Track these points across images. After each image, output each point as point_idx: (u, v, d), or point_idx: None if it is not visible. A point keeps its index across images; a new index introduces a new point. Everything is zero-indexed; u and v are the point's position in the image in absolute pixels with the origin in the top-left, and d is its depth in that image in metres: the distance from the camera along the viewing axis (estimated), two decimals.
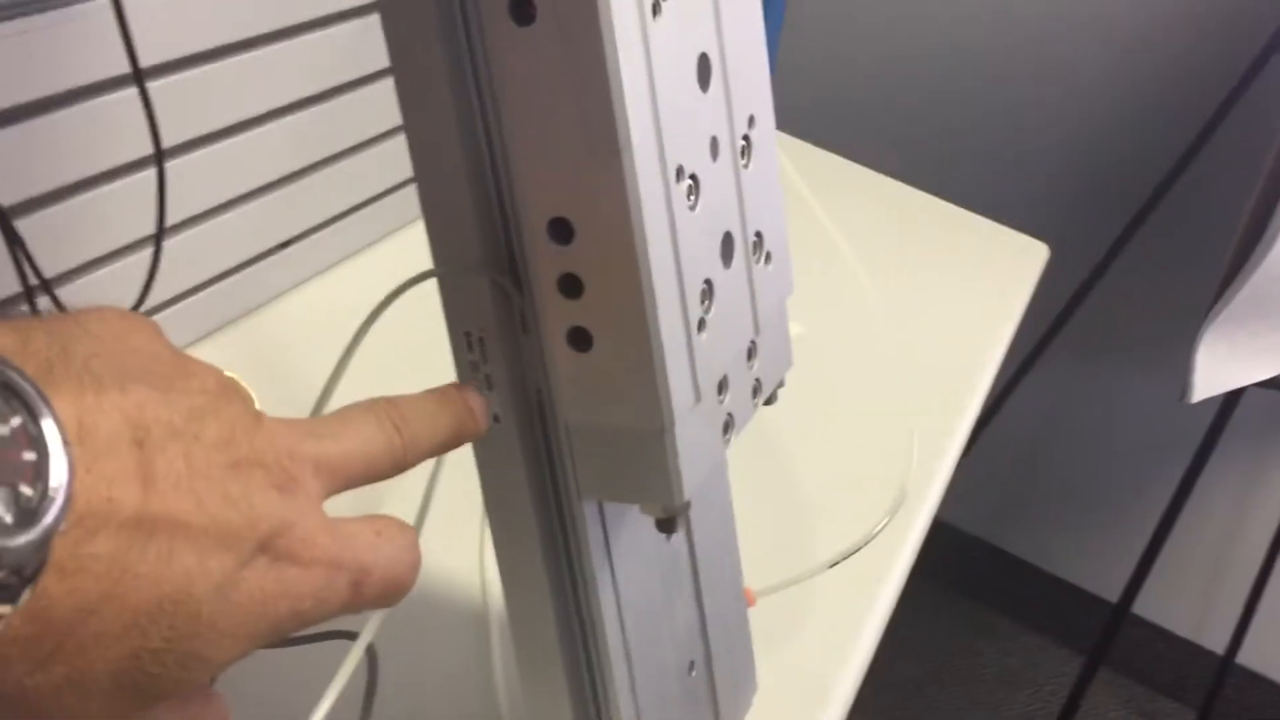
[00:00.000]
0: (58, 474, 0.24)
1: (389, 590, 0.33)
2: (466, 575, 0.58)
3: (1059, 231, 1.14)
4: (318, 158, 0.79)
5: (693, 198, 0.38)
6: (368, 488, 0.60)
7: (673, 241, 0.37)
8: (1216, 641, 1.73)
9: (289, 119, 0.75)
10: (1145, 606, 1.72)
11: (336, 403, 0.39)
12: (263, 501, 0.29)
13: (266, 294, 0.79)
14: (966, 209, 1.09)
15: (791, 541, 0.64)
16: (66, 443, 0.24)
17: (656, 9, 0.36)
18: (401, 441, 0.35)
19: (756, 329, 0.44)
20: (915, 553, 0.67)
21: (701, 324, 0.39)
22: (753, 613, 0.57)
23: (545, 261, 0.37)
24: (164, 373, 0.29)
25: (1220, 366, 1.22)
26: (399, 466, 0.35)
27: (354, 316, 0.40)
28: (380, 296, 0.39)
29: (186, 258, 0.72)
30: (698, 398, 0.39)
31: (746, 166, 0.42)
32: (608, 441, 0.39)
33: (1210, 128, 1.35)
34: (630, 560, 0.43)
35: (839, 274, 0.89)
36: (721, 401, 0.42)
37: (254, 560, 0.28)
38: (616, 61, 0.34)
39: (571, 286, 0.37)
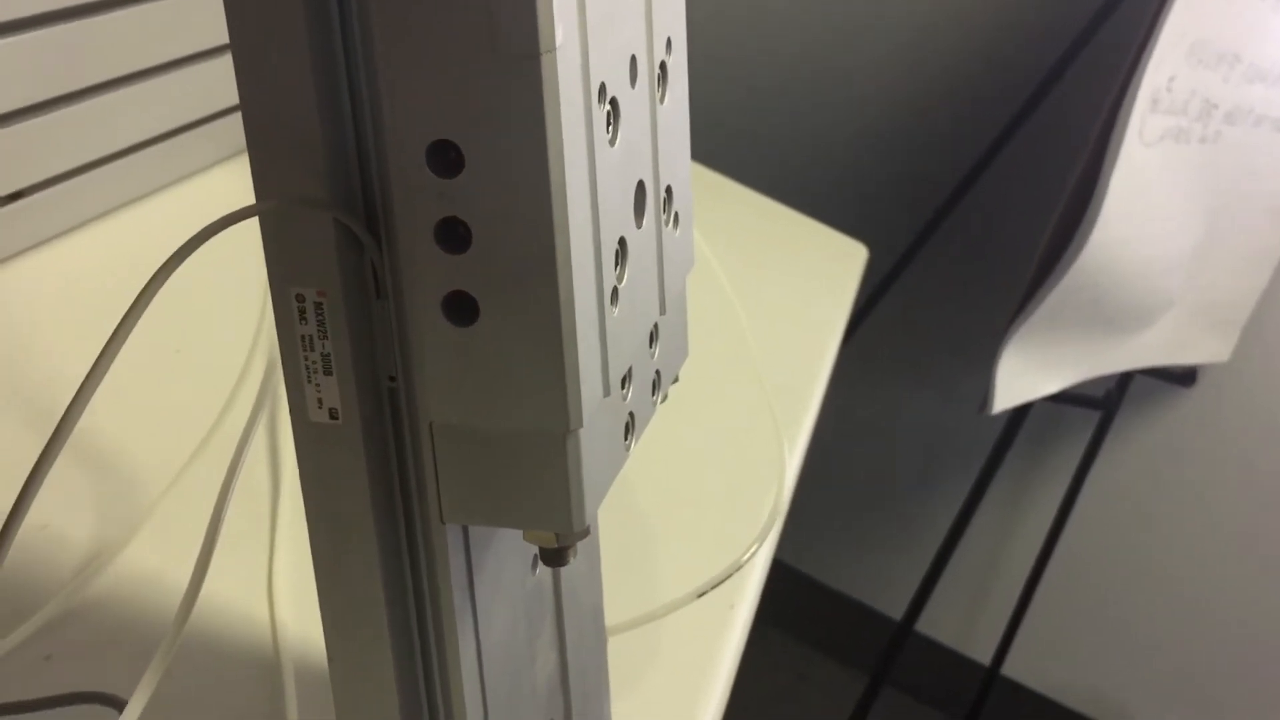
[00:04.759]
0: None
1: None
2: (252, 609, 0.47)
3: (860, 238, 1.11)
4: (69, 89, 0.64)
5: (612, 129, 0.29)
6: (118, 502, 0.48)
7: (591, 181, 0.28)
8: (982, 653, 1.75)
9: (30, 36, 0.61)
10: (920, 620, 1.73)
11: (67, 394, 0.28)
12: None
13: None
14: (787, 206, 1.04)
15: (637, 570, 0.56)
16: None
17: None
18: None
19: (663, 307, 0.35)
20: (766, 571, 0.59)
21: (615, 295, 0.30)
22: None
23: (420, 200, 0.27)
24: None
25: (1022, 376, 1.21)
26: None
27: (105, 287, 0.29)
28: (136, 263, 0.28)
29: None
30: (606, 390, 0.30)
31: (662, 101, 0.34)
32: (488, 448, 0.29)
33: (1005, 139, 1.35)
34: (495, 601, 0.34)
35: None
36: (625, 397, 0.33)
37: None
38: None
39: (454, 236, 0.27)
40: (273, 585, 0.47)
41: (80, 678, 0.40)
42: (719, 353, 0.75)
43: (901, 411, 1.72)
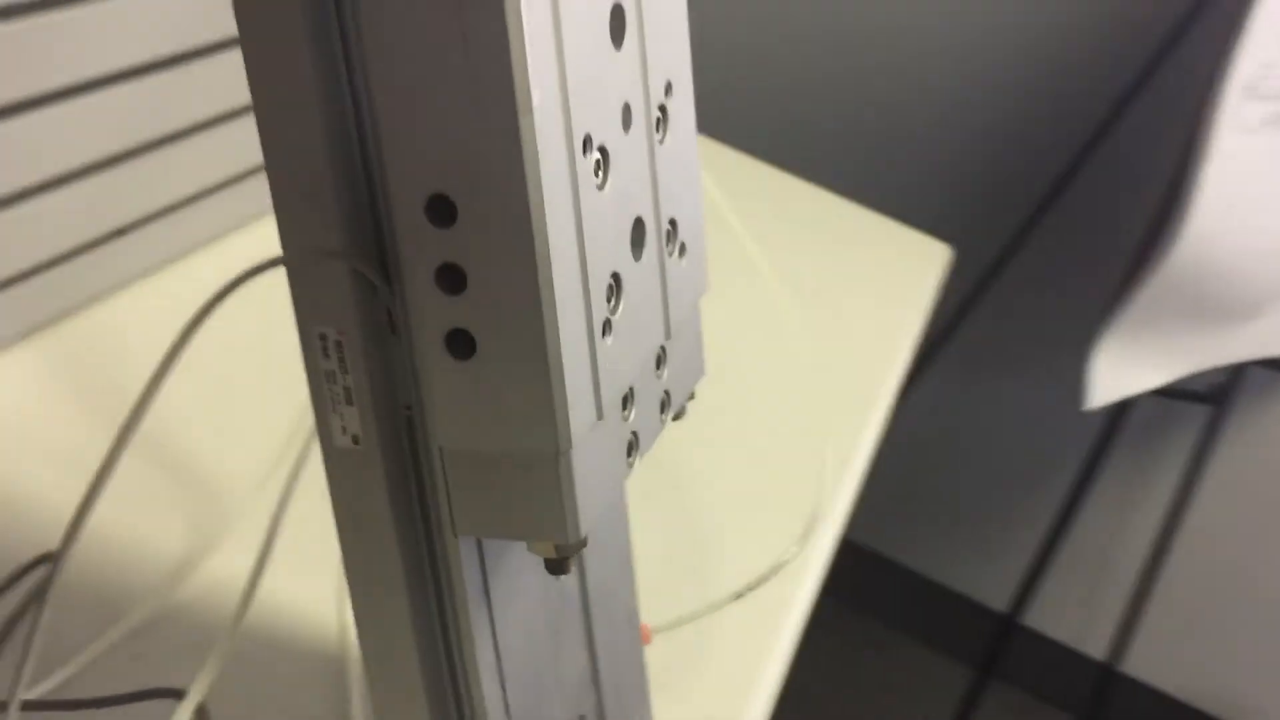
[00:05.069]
0: None
1: None
2: (321, 614, 0.51)
3: (954, 235, 1.11)
4: (164, 132, 0.70)
5: (601, 174, 0.32)
6: (207, 513, 0.52)
7: (577, 226, 0.31)
8: (1098, 649, 1.73)
9: (132, 85, 0.66)
10: (1028, 614, 1.71)
11: (164, 418, 0.32)
12: None
13: (96, 289, 0.69)
14: (867, 208, 1.05)
15: (691, 571, 0.58)
16: None
17: None
18: None
19: (668, 333, 0.37)
20: (822, 578, 0.61)
21: (607, 326, 0.33)
22: (649, 651, 0.51)
23: (421, 248, 0.30)
24: None
25: (1119, 371, 1.20)
26: None
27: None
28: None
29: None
30: (599, 415, 0.33)
31: (662, 141, 0.36)
32: (490, 468, 0.32)
33: (1105, 129, 1.33)
34: (512, 605, 0.37)
35: (741, 276, 0.83)
36: (626, 418, 0.35)
37: None
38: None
39: (452, 279, 0.30)
40: (342, 588, 0.51)
41: (164, 677, 0.44)
42: (771, 353, 0.77)
43: (1004, 404, 1.70)
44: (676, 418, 0.41)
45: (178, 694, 0.39)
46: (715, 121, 1.13)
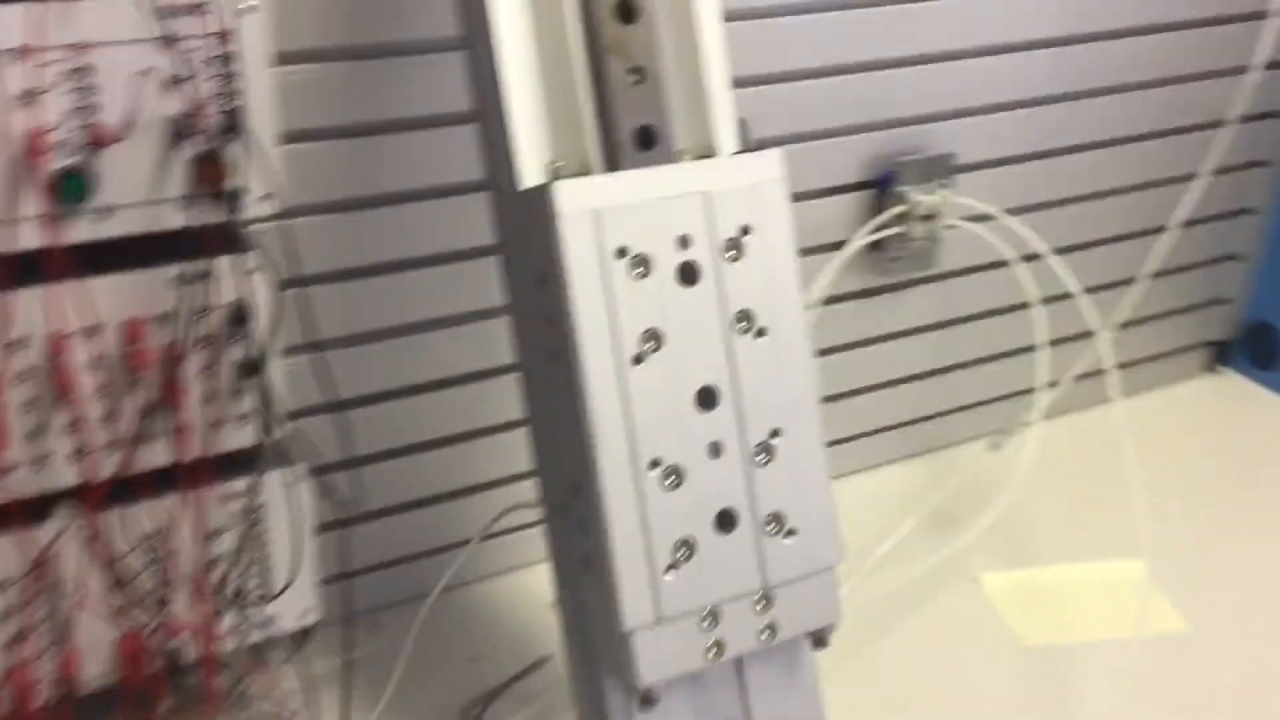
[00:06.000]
0: None
1: None
2: None
3: None
4: None
5: (671, 480, 0.56)
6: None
7: (639, 510, 0.55)
8: None
9: None
10: None
11: None
12: None
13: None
14: None
15: None
16: None
17: (640, 359, 0.55)
18: None
19: (765, 584, 0.58)
20: None
21: (673, 568, 0.56)
22: None
23: (568, 510, 0.58)
24: None
25: None
26: None
27: None
28: None
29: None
30: (658, 619, 0.56)
31: (767, 464, 0.58)
32: (609, 636, 0.58)
33: None
34: None
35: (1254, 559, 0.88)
36: (707, 628, 0.57)
37: None
38: (587, 397, 0.54)
39: (583, 528, 0.57)
40: None
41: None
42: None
43: None
44: (819, 646, 0.61)
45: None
46: None
